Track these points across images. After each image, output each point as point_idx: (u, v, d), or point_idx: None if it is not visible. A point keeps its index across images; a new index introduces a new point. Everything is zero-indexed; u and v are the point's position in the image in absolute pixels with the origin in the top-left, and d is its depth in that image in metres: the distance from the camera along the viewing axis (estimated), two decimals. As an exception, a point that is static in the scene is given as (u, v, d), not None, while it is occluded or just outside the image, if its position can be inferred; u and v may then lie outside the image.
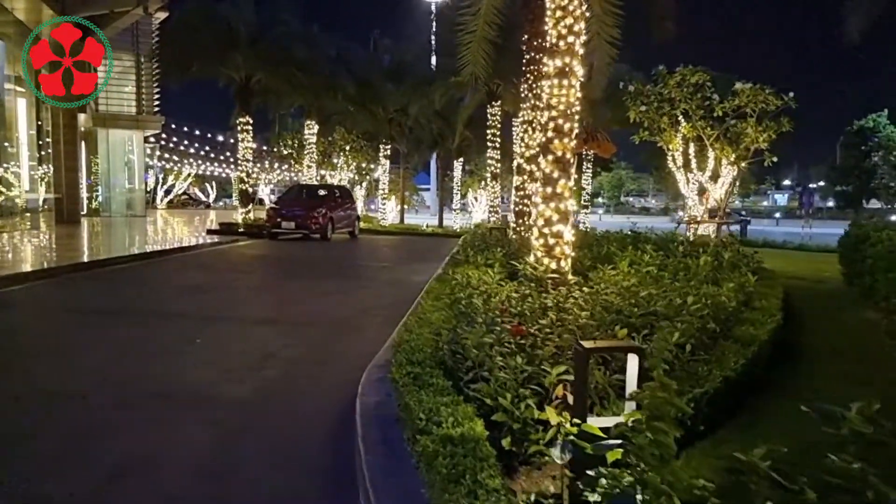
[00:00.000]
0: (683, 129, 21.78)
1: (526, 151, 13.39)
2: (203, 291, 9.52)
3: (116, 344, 6.25)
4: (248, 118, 22.82)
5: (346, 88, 24.80)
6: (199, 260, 14.13)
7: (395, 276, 11.94)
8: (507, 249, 9.03)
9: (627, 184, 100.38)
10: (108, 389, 4.85)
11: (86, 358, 5.72)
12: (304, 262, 14.45)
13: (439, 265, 13.66)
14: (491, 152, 21.42)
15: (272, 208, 21.12)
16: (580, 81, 6.58)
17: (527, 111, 13.31)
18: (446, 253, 17.49)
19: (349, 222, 23.05)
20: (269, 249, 17.71)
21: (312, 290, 10.00)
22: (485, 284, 6.23)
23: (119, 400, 4.61)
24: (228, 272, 12.02)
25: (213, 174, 62.51)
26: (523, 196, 13.39)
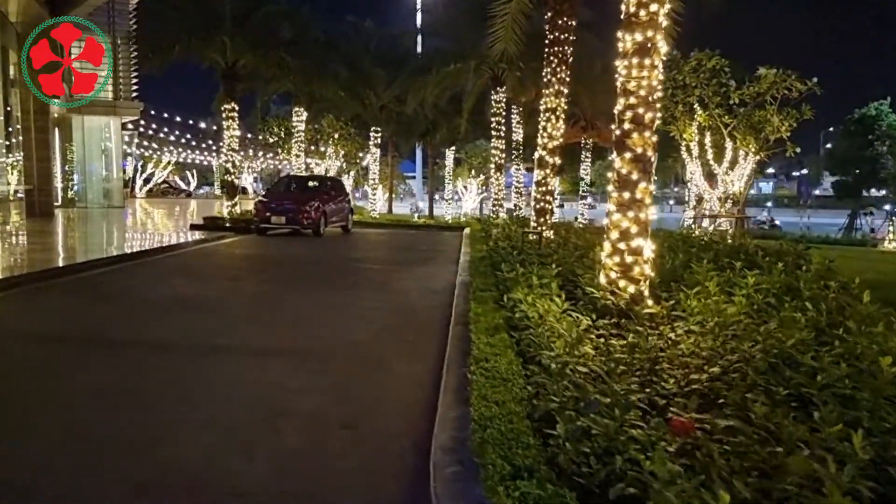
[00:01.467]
0: (699, 118, 20.59)
1: (549, 143, 12.09)
2: (189, 308, 8.14)
3: (78, 399, 4.89)
4: (234, 105, 21.28)
5: (336, 73, 23.31)
6: (183, 262, 12.70)
7: (407, 284, 10.61)
8: (554, 261, 7.71)
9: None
10: (61, 480, 3.50)
11: (32, 432, 4.36)
12: (300, 265, 13.07)
13: (449, 268, 12.37)
14: (495, 142, 20.09)
15: (261, 202, 19.66)
16: (658, 61, 5.28)
17: (550, 98, 12.00)
18: (450, 250, 16.22)
19: (342, 216, 21.64)
20: (259, 248, 16.28)
21: (316, 303, 8.65)
22: (557, 321, 4.93)
23: (74, 497, 3.27)
24: (217, 279, 10.62)
25: (195, 162, 60.58)
26: (545, 192, 12.10)
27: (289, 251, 15.75)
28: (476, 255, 11.21)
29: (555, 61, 11.88)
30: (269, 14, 20.51)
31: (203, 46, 20.37)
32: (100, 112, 31.30)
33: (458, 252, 15.71)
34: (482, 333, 5.16)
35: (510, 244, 10.35)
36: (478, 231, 17.81)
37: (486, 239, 14.88)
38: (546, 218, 12.12)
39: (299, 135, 25.80)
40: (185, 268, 11.95)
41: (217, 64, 21.16)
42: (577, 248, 9.01)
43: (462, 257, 12.88)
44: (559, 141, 12.19)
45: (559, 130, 12.12)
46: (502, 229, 13.63)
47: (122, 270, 11.16)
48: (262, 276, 11.13)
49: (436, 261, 13.89)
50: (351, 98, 26.64)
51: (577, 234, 12.90)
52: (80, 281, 9.91)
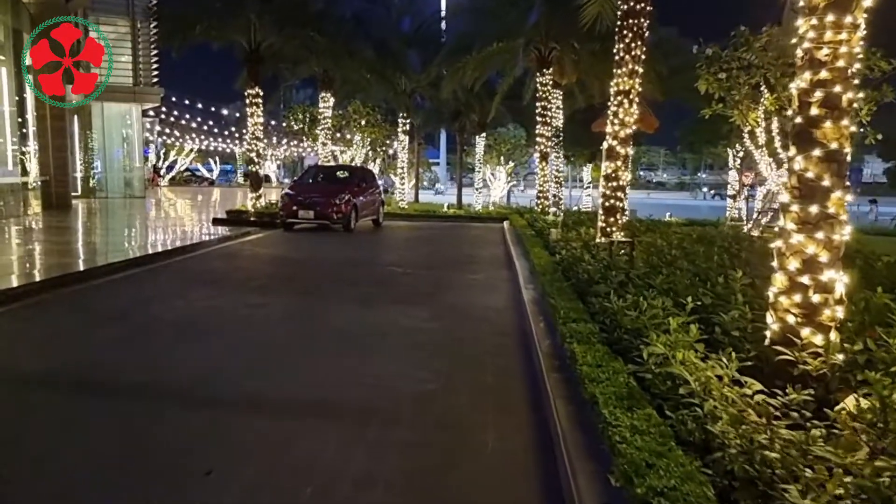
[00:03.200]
0: (767, 102, 18.74)
1: (620, 130, 10.49)
2: (208, 333, 6.72)
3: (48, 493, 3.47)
4: (258, 89, 19.83)
5: (364, 55, 21.77)
6: (204, 267, 11.32)
7: (459, 297, 9.16)
8: (665, 283, 6.05)
9: (642, 157, 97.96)
10: None
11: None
12: (333, 270, 11.63)
13: (502, 273, 10.85)
14: (540, 128, 18.46)
15: (287, 194, 18.25)
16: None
17: (622, 78, 10.39)
18: (494, 249, 14.69)
19: (374, 209, 20.19)
20: (286, 247, 14.88)
21: (359, 325, 7.20)
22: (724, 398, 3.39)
23: None
24: (240, 290, 9.19)
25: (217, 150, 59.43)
26: (616, 188, 10.51)
27: (319, 251, 14.33)
28: (539, 262, 9.68)
29: (629, 35, 10.26)
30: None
31: (226, 26, 18.93)
32: (119, 98, 30.06)
33: (505, 251, 14.20)
34: (613, 406, 3.65)
35: (582, 249, 8.78)
36: (523, 227, 16.23)
37: (538, 238, 13.32)
38: (616, 217, 10.54)
39: (326, 121, 24.33)
40: (205, 274, 10.56)
41: (241, 46, 19.72)
42: (673, 261, 7.44)
43: (517, 262, 11.36)
44: (632, 129, 10.59)
45: (633, 116, 10.51)
46: (563, 229, 12.04)
47: (134, 278, 9.79)
48: (291, 286, 9.69)
49: (483, 264, 12.38)
50: (379, 82, 25.12)
51: (658, 236, 11.32)
52: (84, 293, 8.54)
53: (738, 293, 5.08)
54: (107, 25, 29.69)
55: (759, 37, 18.56)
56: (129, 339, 6.44)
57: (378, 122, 31.42)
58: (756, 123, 19.33)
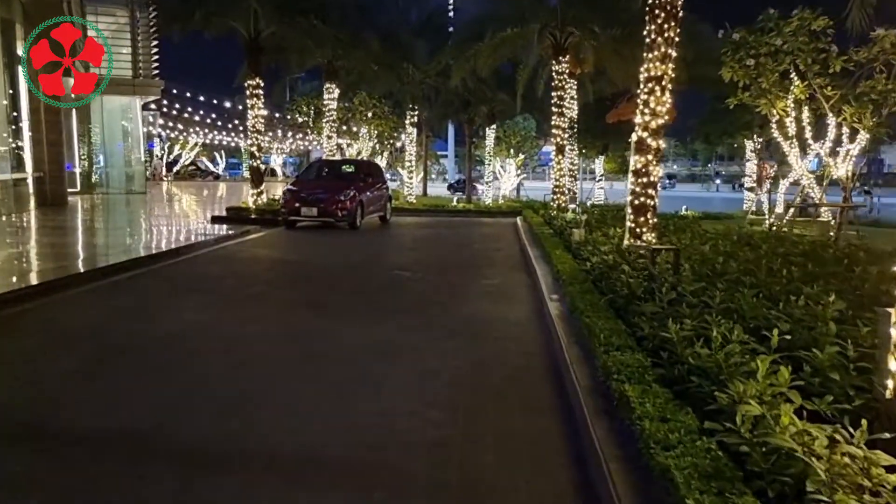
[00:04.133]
0: (796, 90, 17.64)
1: (651, 121, 9.50)
2: (191, 359, 5.81)
3: None
4: (259, 80, 18.90)
5: (370, 44, 20.79)
6: (195, 272, 10.42)
7: (474, 309, 8.23)
8: (725, 302, 5.03)
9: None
10: None
11: None
12: (336, 276, 10.70)
13: (519, 277, 9.89)
14: (556, 119, 17.42)
15: (290, 191, 17.33)
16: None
17: (654, 63, 9.39)
18: (508, 249, 13.71)
19: (380, 205, 19.26)
20: (287, 248, 13.98)
21: (363, 348, 6.27)
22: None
23: None
24: (233, 301, 8.26)
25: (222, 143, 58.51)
26: (647, 184, 9.53)
27: (321, 253, 13.41)
28: (562, 267, 8.71)
29: (661, 16, 9.26)
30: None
31: (225, 13, 18.00)
32: (119, 91, 29.13)
33: (521, 252, 13.25)
34: (698, 490, 2.70)
35: (615, 255, 7.79)
36: (539, 225, 15.25)
37: (557, 238, 12.36)
38: (647, 217, 9.57)
39: (330, 114, 23.36)
40: (195, 281, 9.64)
41: (241, 35, 18.78)
42: (725, 271, 6.46)
43: (536, 266, 10.40)
44: (664, 119, 9.59)
45: (665, 105, 9.52)
46: (587, 228, 11.04)
47: (115, 287, 8.89)
48: (288, 296, 8.75)
49: (499, 267, 11.43)
50: (386, 72, 24.15)
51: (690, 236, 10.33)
52: (54, 307, 7.63)
53: (829, 321, 4.11)
54: (105, 16, 28.79)
55: (790, 20, 17.43)
56: (93, 366, 5.52)
57: (385, 115, 30.49)
58: (785, 113, 18.23)
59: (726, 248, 8.30)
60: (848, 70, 17.12)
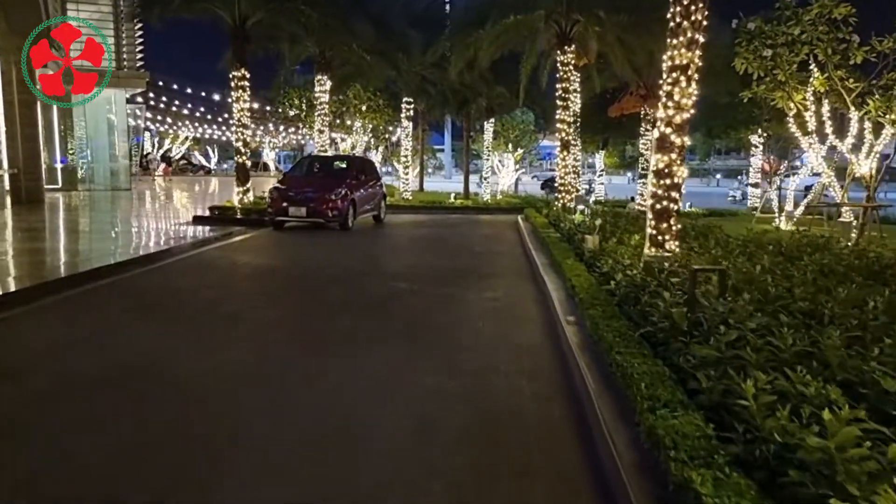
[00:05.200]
0: (816, 82, 16.56)
1: (676, 115, 8.44)
2: (141, 407, 4.76)
3: None
4: (244, 71, 17.77)
5: (363, 33, 19.67)
6: (164, 285, 9.34)
7: (476, 329, 7.19)
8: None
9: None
10: None
11: None
12: (321, 288, 9.63)
13: (525, 288, 8.81)
14: (561, 113, 16.32)
15: (277, 189, 16.24)
16: None
17: (679, 50, 8.34)
18: (511, 251, 12.64)
19: (374, 203, 18.20)
20: (271, 253, 12.92)
21: (351, 390, 5.23)
22: None
23: None
24: (198, 326, 7.15)
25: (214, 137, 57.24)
26: (670, 186, 8.47)
27: (308, 259, 12.34)
28: (577, 281, 7.65)
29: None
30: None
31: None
32: (101, 83, 28.01)
33: (526, 257, 12.21)
34: None
35: (643, 274, 6.72)
36: (544, 227, 14.19)
37: (566, 244, 11.30)
38: (670, 223, 8.52)
39: (322, 107, 22.24)
40: (164, 296, 8.57)
41: (226, 22, 17.65)
42: (779, 295, 5.41)
43: (544, 275, 9.36)
44: (690, 113, 8.53)
45: (692, 98, 8.45)
46: (600, 234, 9.96)
47: (68, 305, 7.81)
48: (267, 316, 7.67)
49: (503, 276, 10.39)
50: (380, 63, 23.04)
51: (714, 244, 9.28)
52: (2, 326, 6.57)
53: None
54: (87, 5, 27.65)
55: (809, 8, 16.29)
56: (7, 418, 4.45)
57: (380, 108, 29.43)
58: (804, 106, 17.17)
59: (763, 261, 7.25)
60: (870, 61, 16.01)
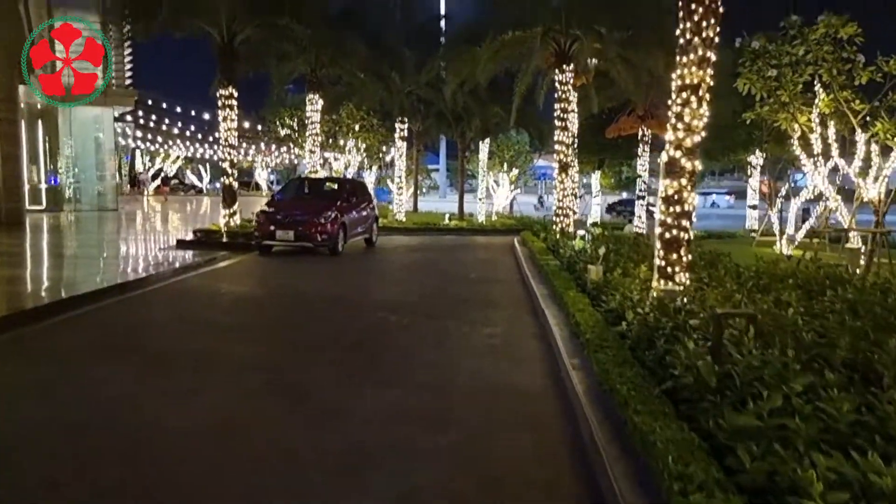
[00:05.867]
0: (822, 103, 16.06)
1: (686, 137, 7.87)
2: (75, 470, 4.09)
3: None
4: (232, 90, 17.20)
5: (356, 50, 19.17)
6: (136, 318, 8.67)
7: (472, 370, 6.56)
8: None
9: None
10: None
11: None
12: (306, 319, 8.99)
13: (524, 321, 8.16)
14: (559, 134, 15.78)
15: (264, 212, 15.60)
16: None
17: (689, 69, 7.78)
18: (507, 277, 11.98)
19: (366, 227, 17.57)
20: (255, 281, 12.27)
21: (329, 451, 4.57)
22: None
23: None
24: (167, 367, 6.47)
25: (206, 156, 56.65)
26: (679, 214, 7.88)
27: (294, 287, 11.67)
28: (581, 316, 7.02)
29: (698, 11, 7.65)
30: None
31: (195, 12, 16.33)
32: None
33: (523, 285, 11.60)
34: None
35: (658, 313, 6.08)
36: (542, 252, 13.57)
37: (567, 273, 10.67)
38: (680, 254, 7.93)
39: (314, 126, 21.69)
40: (132, 331, 7.88)
41: (213, 39, 17.11)
42: (813, 343, 4.78)
43: (544, 306, 8.73)
44: (701, 136, 7.96)
45: (703, 119, 7.89)
46: (604, 264, 9.33)
47: (26, 340, 7.13)
48: (241, 355, 6.98)
49: (500, 308, 9.77)
50: (374, 82, 22.56)
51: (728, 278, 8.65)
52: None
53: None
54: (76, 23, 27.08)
55: (815, 27, 15.84)
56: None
57: (374, 127, 28.93)
58: (809, 128, 16.68)
59: (785, 297, 6.64)
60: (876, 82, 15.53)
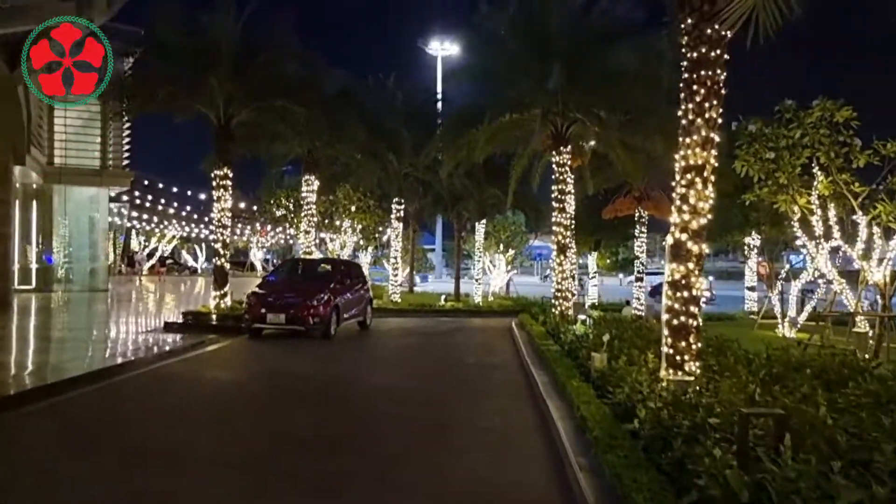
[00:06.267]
0: (820, 186, 15.96)
1: (692, 220, 7.56)
2: None
3: None
4: (227, 170, 17.06)
5: (353, 133, 19.20)
6: (105, 411, 8.10)
7: (472, 477, 6.04)
8: None
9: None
10: None
11: None
12: (295, 411, 8.43)
13: (524, 412, 7.60)
14: (557, 216, 15.55)
15: (255, 294, 15.17)
16: None
17: (692, 150, 7.56)
18: (507, 368, 11.44)
19: (360, 309, 17.11)
20: (243, 367, 11.74)
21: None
22: None
23: None
24: (125, 473, 5.78)
25: (202, 236, 56.64)
26: (687, 300, 7.48)
27: (282, 374, 11.12)
28: (587, 410, 6.51)
29: (700, 92, 7.49)
30: (276, 58, 16.46)
31: (192, 95, 16.39)
32: (84, 182, 27.43)
33: (523, 371, 11.10)
34: None
35: (672, 410, 5.58)
36: (541, 337, 13.10)
37: (569, 360, 10.19)
38: (689, 342, 7.49)
39: (309, 207, 21.53)
40: (101, 426, 7.29)
41: (210, 120, 17.11)
42: (849, 451, 4.29)
43: (545, 396, 8.22)
44: (707, 218, 7.66)
45: (709, 201, 7.61)
46: (608, 350, 8.85)
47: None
48: (214, 456, 6.37)
49: (498, 396, 9.25)
50: (370, 163, 22.61)
51: (741, 368, 8.18)
52: None
53: None
54: (76, 105, 27.37)
55: (811, 111, 15.89)
56: None
57: (370, 208, 28.87)
58: (809, 210, 16.51)
59: (804, 390, 6.18)
60: (873, 164, 15.47)
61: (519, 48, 13.67)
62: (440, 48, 48.68)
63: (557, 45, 13.20)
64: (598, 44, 13.21)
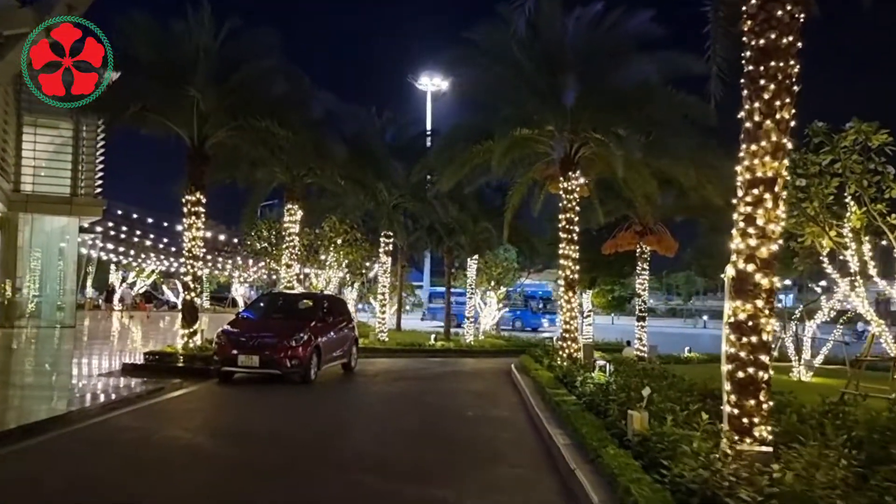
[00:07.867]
0: (854, 217, 14.47)
1: (760, 246, 6.03)
2: None
3: None
4: (200, 195, 15.41)
5: (341, 159, 17.71)
6: (23, 482, 6.37)
7: None
8: None
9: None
10: None
11: None
12: (264, 488, 6.72)
13: (558, 488, 5.98)
14: (565, 247, 13.98)
15: (225, 332, 13.47)
16: None
17: (760, 159, 6.07)
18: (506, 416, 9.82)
19: (344, 350, 15.41)
20: (206, 421, 9.99)
21: None
22: None
23: None
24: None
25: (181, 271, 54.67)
26: (755, 347, 5.90)
27: (250, 432, 9.35)
28: (642, 497, 4.92)
29: (770, 88, 6.02)
30: (258, 73, 14.96)
31: (164, 112, 14.88)
32: (53, 210, 25.67)
33: (532, 425, 9.50)
34: None
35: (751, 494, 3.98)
36: (551, 386, 11.44)
37: (595, 417, 8.54)
38: (759, 400, 5.92)
39: (291, 238, 19.93)
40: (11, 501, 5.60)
41: (184, 141, 15.56)
42: None
43: (575, 469, 6.56)
44: (778, 244, 6.15)
45: (779, 222, 6.11)
46: (648, 407, 7.21)
47: None
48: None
49: (509, 463, 7.61)
50: (356, 191, 21.16)
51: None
52: None
53: None
54: (47, 129, 25.85)
55: (844, 134, 14.39)
56: None
57: (357, 241, 27.28)
58: (843, 245, 14.95)
59: None
60: (906, 194, 14.00)
61: (526, 59, 12.25)
62: (430, 83, 47.81)
63: (569, 56, 11.83)
64: (614, 55, 11.85)
